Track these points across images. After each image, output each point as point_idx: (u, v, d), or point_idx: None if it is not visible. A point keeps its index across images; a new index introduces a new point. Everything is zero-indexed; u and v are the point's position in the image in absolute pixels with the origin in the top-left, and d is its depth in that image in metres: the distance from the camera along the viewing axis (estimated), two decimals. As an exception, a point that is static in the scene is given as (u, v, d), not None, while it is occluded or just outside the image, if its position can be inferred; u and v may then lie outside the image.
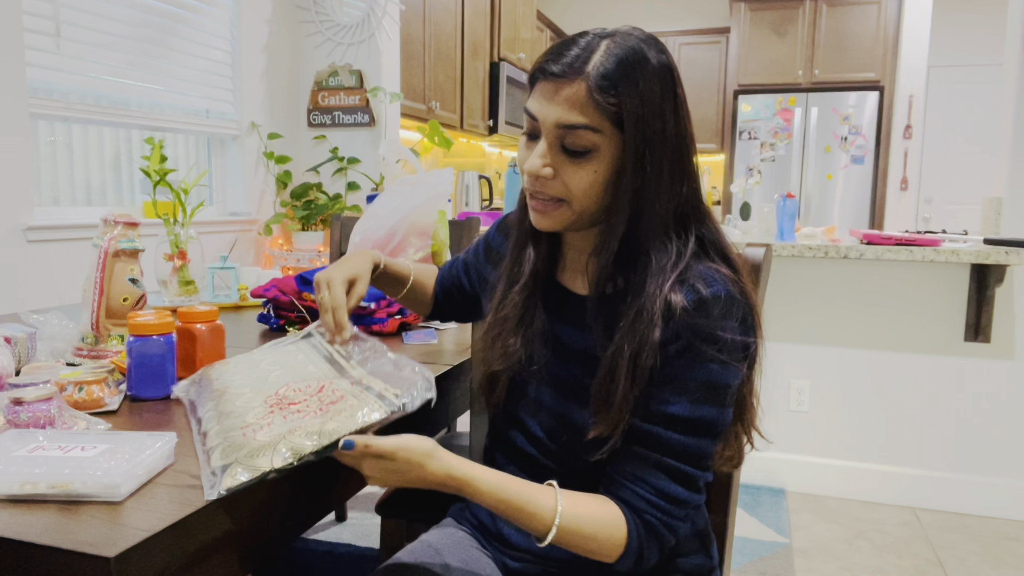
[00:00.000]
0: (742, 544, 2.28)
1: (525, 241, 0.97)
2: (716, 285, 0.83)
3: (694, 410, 0.83)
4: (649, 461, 0.84)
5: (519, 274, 0.97)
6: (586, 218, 0.88)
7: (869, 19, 5.46)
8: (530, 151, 0.87)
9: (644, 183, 0.84)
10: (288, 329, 1.51)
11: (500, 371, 0.97)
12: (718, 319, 0.82)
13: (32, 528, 0.63)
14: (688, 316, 0.82)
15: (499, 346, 0.96)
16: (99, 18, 2.37)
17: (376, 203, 1.71)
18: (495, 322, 0.98)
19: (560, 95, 0.82)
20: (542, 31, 5.85)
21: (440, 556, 0.95)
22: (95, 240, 1.20)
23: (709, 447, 0.85)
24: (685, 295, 0.82)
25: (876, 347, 2.61)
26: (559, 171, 0.85)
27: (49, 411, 0.84)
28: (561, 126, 0.82)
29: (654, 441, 0.84)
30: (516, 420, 0.98)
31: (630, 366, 0.83)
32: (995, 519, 2.51)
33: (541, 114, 0.84)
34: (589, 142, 0.82)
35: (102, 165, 2.52)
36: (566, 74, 0.82)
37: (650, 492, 0.84)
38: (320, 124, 3.31)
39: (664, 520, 0.84)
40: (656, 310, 0.82)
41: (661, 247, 0.85)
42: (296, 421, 0.77)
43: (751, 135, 5.74)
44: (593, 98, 0.81)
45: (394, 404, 0.78)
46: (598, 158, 0.83)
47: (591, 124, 0.81)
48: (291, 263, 3.07)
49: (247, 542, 0.76)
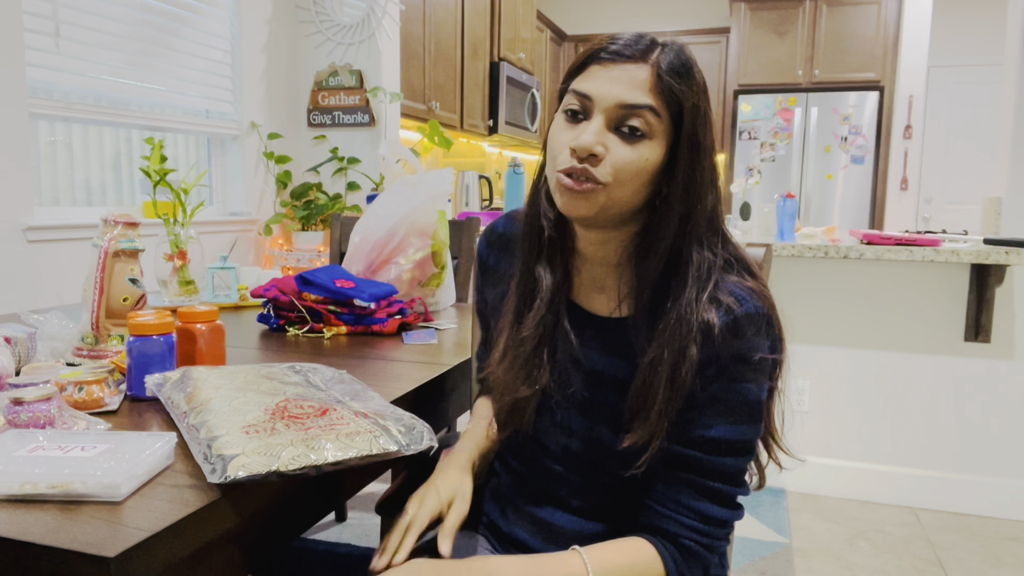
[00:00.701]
0: (742, 544, 2.28)
1: (538, 256, 0.92)
2: (747, 303, 0.83)
3: (734, 431, 0.83)
4: (691, 486, 0.84)
5: (535, 291, 0.92)
6: (618, 208, 0.83)
7: (869, 19, 5.46)
8: (574, 131, 0.83)
9: (694, 181, 0.83)
10: (288, 329, 1.51)
11: (529, 396, 0.92)
12: (752, 338, 0.82)
13: (32, 528, 0.63)
14: (724, 339, 0.81)
15: (522, 370, 0.91)
16: (99, 18, 2.37)
17: (376, 203, 1.71)
18: (514, 343, 0.92)
19: (624, 76, 0.80)
20: (542, 31, 5.85)
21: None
22: (95, 240, 1.20)
23: (746, 464, 0.86)
24: (720, 316, 0.81)
25: (876, 347, 2.61)
26: (610, 152, 0.81)
27: (49, 411, 0.84)
28: (623, 106, 0.80)
29: (696, 466, 0.84)
30: (539, 442, 0.96)
31: (669, 374, 0.82)
32: (995, 519, 2.51)
33: (599, 93, 0.81)
34: (647, 127, 0.80)
35: (102, 165, 2.52)
36: (633, 56, 0.81)
37: (694, 519, 0.84)
38: (320, 124, 3.31)
39: (706, 543, 0.84)
40: (694, 322, 0.81)
41: (699, 254, 0.84)
42: (306, 432, 0.76)
43: (751, 135, 5.74)
44: (662, 81, 0.80)
45: (401, 442, 0.78)
46: (650, 145, 0.81)
47: (655, 107, 0.80)
48: (291, 263, 3.07)
49: (247, 542, 0.76)
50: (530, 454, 0.97)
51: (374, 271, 1.67)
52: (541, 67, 5.83)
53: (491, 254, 1.03)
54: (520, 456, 0.99)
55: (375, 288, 1.52)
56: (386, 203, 1.69)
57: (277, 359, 1.27)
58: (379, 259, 1.67)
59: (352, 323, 1.50)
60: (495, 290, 1.02)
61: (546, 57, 6.00)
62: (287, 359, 1.27)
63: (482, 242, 1.05)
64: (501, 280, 1.01)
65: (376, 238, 1.66)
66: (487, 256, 1.04)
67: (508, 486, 1.00)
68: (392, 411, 0.85)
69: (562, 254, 0.92)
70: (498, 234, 1.03)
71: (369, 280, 1.59)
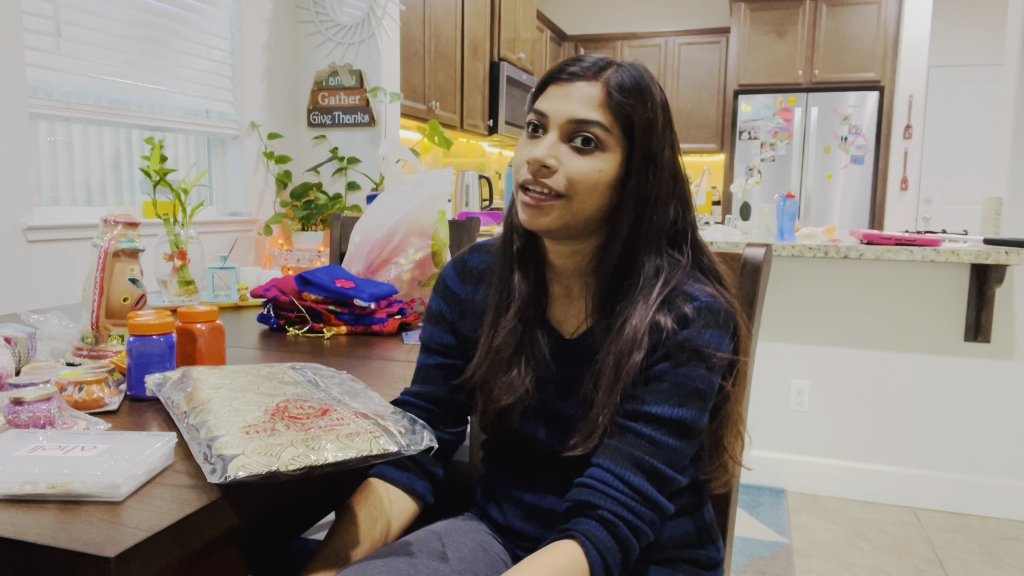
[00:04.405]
0: (742, 544, 2.28)
1: (512, 266, 0.95)
2: (701, 300, 0.87)
3: (674, 412, 0.85)
4: (629, 459, 0.85)
5: (508, 300, 0.95)
6: (580, 219, 0.87)
7: (869, 19, 5.46)
8: (532, 146, 0.88)
9: (647, 193, 0.87)
10: (288, 329, 1.51)
11: (512, 404, 0.94)
12: (702, 329, 0.86)
13: (32, 528, 0.63)
14: (674, 329, 0.86)
15: (502, 378, 0.94)
16: (99, 18, 2.37)
17: (376, 203, 1.71)
18: (490, 351, 0.94)
19: (576, 93, 0.86)
20: (542, 31, 5.85)
21: (440, 541, 0.95)
22: (95, 240, 1.20)
23: (685, 449, 0.87)
24: (671, 315, 0.86)
25: (876, 347, 2.61)
26: (564, 164, 0.85)
27: (49, 411, 0.84)
28: (573, 121, 0.85)
29: (635, 438, 0.85)
30: (524, 437, 0.98)
31: (611, 379, 0.86)
32: (995, 519, 2.51)
33: (552, 110, 0.86)
34: (598, 140, 0.85)
35: (102, 165, 2.52)
36: (584, 75, 0.86)
37: (625, 491, 0.83)
38: (320, 124, 3.31)
39: (633, 522, 0.83)
40: (643, 324, 0.85)
41: (654, 262, 0.88)
42: (307, 433, 0.76)
43: (751, 135, 5.74)
44: (610, 99, 0.85)
45: (401, 442, 0.78)
46: (603, 158, 0.86)
47: (604, 122, 0.85)
48: (291, 263, 3.07)
49: (247, 542, 0.76)
50: (518, 450, 0.99)
51: (374, 271, 1.67)
52: (541, 67, 5.83)
53: (465, 288, 1.01)
54: (509, 451, 1.00)
55: (375, 288, 1.52)
56: (386, 203, 1.69)
57: (277, 359, 1.27)
58: (379, 259, 1.67)
59: (352, 323, 1.50)
60: (464, 321, 1.00)
61: (546, 57, 6.00)
62: (287, 359, 1.27)
63: (453, 276, 1.03)
64: (471, 310, 1.00)
65: (376, 238, 1.66)
66: (460, 290, 1.02)
67: (500, 480, 1.02)
68: (392, 411, 0.85)
69: (535, 264, 0.96)
70: (472, 268, 1.02)
71: (369, 280, 1.59)
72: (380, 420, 0.81)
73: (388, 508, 0.92)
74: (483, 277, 1.01)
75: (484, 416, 0.97)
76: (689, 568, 0.97)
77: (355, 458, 0.74)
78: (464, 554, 0.93)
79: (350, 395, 0.91)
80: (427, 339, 1.03)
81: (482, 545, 0.97)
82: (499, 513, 1.02)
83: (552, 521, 0.95)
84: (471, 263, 1.02)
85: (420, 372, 1.02)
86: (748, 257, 1.13)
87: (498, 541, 1.01)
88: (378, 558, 0.85)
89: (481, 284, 1.01)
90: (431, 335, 1.03)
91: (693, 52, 6.25)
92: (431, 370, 1.01)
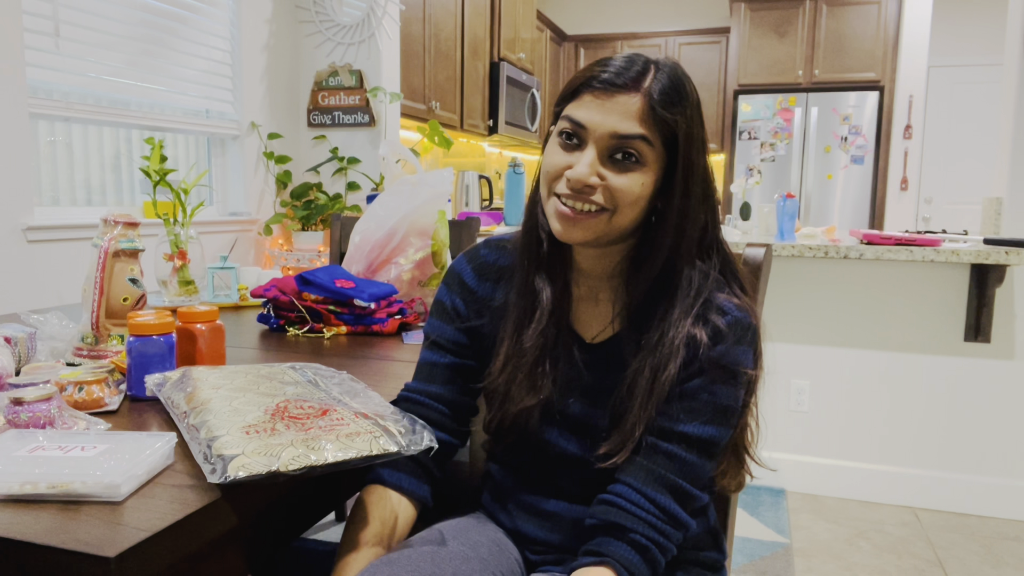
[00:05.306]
0: (742, 544, 2.28)
1: (537, 268, 0.93)
2: (732, 314, 0.87)
3: (703, 430, 0.85)
4: (659, 480, 0.85)
5: (535, 303, 0.92)
6: (616, 231, 0.86)
7: (869, 19, 5.46)
8: (568, 156, 0.85)
9: (686, 204, 0.86)
10: (288, 329, 1.51)
11: (533, 406, 0.92)
12: (733, 346, 0.86)
13: (32, 528, 0.63)
14: (708, 345, 0.85)
15: (525, 380, 0.92)
16: (99, 18, 2.37)
17: (376, 203, 1.71)
18: (515, 354, 0.92)
19: (617, 105, 0.83)
20: (542, 31, 5.85)
21: (443, 539, 0.95)
22: (95, 240, 1.20)
23: (709, 468, 0.88)
24: (706, 330, 0.86)
25: (876, 347, 2.61)
26: (606, 180, 0.84)
27: (49, 411, 0.84)
28: (616, 136, 0.83)
29: (664, 458, 0.85)
30: (539, 442, 0.96)
31: (647, 389, 0.85)
32: (995, 519, 2.51)
33: (592, 123, 0.83)
34: (639, 154, 0.83)
35: (102, 165, 2.52)
36: (626, 86, 0.83)
37: (653, 512, 0.84)
38: (320, 124, 3.31)
39: (660, 541, 0.84)
40: (680, 336, 0.85)
41: (690, 271, 0.88)
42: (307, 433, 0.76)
43: (751, 135, 5.74)
44: (653, 113, 0.82)
45: (401, 443, 0.78)
46: (645, 171, 0.84)
47: (647, 136, 0.83)
48: (291, 263, 3.07)
49: (247, 542, 0.76)
50: (531, 453, 0.98)
51: (374, 271, 1.67)
52: (541, 67, 5.83)
53: (483, 285, 0.99)
54: (520, 456, 0.99)
55: (375, 288, 1.52)
56: (386, 203, 1.69)
57: (277, 359, 1.27)
58: (379, 259, 1.67)
59: (352, 323, 1.50)
60: (482, 320, 0.98)
61: (546, 57, 5.99)
62: (287, 359, 1.27)
63: (469, 271, 0.99)
64: (489, 310, 0.98)
65: (376, 238, 1.66)
66: (477, 286, 0.98)
67: (508, 483, 1.01)
68: (392, 411, 0.85)
69: (561, 266, 0.94)
70: (489, 265, 0.99)
71: (369, 280, 1.59)
72: (380, 420, 0.81)
73: (396, 507, 0.92)
74: (502, 275, 0.98)
75: (498, 419, 0.95)
76: (695, 570, 0.97)
77: (355, 458, 0.74)
78: (483, 553, 0.93)
79: (350, 395, 0.91)
80: (436, 335, 0.99)
81: (497, 543, 0.97)
82: (506, 516, 1.01)
83: (562, 525, 0.95)
84: (488, 259, 0.99)
85: (426, 369, 0.98)
86: (748, 257, 1.14)
87: (510, 541, 1.01)
88: (404, 549, 0.85)
89: (500, 282, 0.98)
90: (441, 331, 0.98)
91: (693, 52, 6.24)
92: (439, 368, 0.97)
